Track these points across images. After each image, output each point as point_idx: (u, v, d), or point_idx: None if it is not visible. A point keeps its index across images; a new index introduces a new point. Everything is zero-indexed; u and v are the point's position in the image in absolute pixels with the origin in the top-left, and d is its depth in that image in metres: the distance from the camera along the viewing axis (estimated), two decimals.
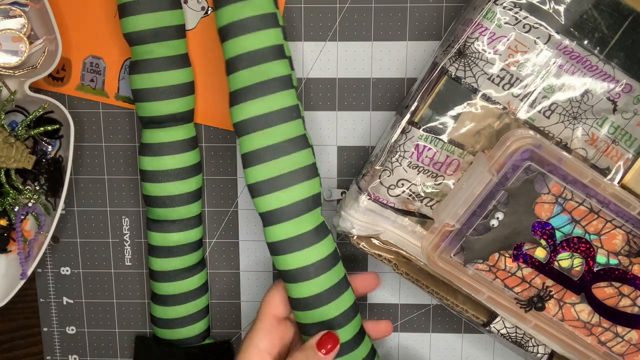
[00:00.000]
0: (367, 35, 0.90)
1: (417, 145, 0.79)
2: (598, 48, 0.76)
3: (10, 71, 0.87)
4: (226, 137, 0.93)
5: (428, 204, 0.82)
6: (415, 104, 0.79)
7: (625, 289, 0.80)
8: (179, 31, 0.86)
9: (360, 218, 0.83)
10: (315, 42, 0.90)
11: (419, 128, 0.79)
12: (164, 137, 0.87)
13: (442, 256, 0.80)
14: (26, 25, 0.87)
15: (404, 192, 0.81)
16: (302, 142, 0.80)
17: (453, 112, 0.78)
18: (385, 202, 0.82)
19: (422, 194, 0.81)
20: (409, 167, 0.80)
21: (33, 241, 0.93)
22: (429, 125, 0.79)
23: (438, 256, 0.80)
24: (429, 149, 0.79)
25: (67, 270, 0.99)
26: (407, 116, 0.80)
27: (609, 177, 0.79)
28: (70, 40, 0.91)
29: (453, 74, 0.77)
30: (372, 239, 0.85)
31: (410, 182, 0.81)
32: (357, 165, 0.93)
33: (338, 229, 0.85)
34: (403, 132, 0.80)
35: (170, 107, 0.86)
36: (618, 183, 0.79)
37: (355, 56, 0.90)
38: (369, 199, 0.82)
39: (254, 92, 0.78)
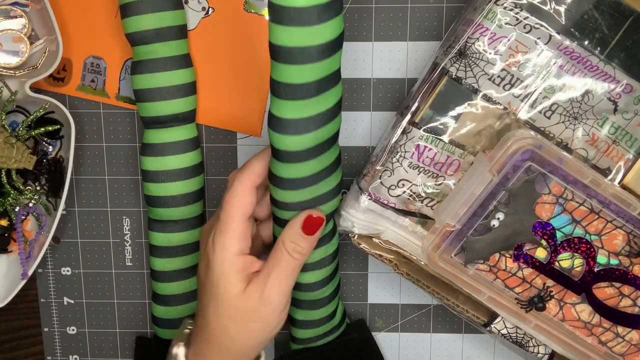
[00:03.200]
0: (368, 35, 0.90)
1: (418, 145, 0.79)
2: (599, 48, 0.76)
3: (11, 71, 0.87)
4: (227, 138, 0.93)
5: (429, 205, 0.82)
6: (416, 104, 0.79)
7: (626, 289, 0.80)
8: (181, 31, 0.86)
9: (361, 217, 0.83)
10: None
11: (419, 128, 0.79)
12: (166, 137, 0.87)
13: (442, 256, 0.80)
14: (27, 26, 0.87)
15: (404, 192, 0.81)
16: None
17: (454, 113, 0.78)
18: (385, 202, 0.82)
19: (423, 195, 0.81)
20: (410, 168, 0.80)
21: (34, 241, 0.93)
22: (429, 125, 0.79)
23: (439, 256, 0.80)
24: (430, 149, 0.79)
25: (68, 271, 0.99)
26: (408, 116, 0.80)
27: (609, 177, 0.79)
28: (71, 40, 0.91)
29: (454, 74, 0.77)
30: (372, 238, 0.85)
31: (410, 182, 0.81)
32: (357, 166, 0.93)
33: (339, 228, 0.85)
34: (404, 132, 0.80)
35: (172, 107, 0.86)
36: (619, 183, 0.79)
37: (355, 56, 0.90)
38: (369, 199, 0.82)
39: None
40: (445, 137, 0.79)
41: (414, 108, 0.79)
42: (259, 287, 0.74)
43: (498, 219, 0.78)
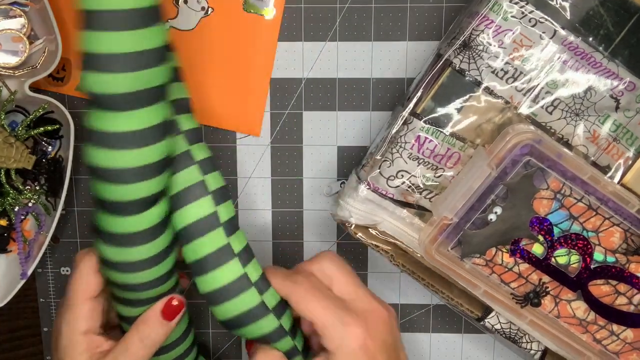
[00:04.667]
0: (367, 35, 0.90)
1: (418, 136, 0.80)
2: (603, 45, 0.76)
3: (10, 71, 0.88)
4: (226, 138, 0.94)
5: (427, 197, 0.82)
6: (418, 94, 0.80)
7: (622, 287, 0.80)
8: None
9: (359, 207, 0.83)
10: (315, 42, 0.91)
11: (420, 119, 0.79)
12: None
13: (439, 249, 0.80)
14: (26, 25, 0.88)
15: (403, 183, 0.81)
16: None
17: (456, 105, 0.78)
18: (384, 192, 0.82)
19: (422, 186, 0.82)
20: (409, 159, 0.80)
21: (33, 241, 0.93)
22: (431, 116, 0.79)
23: (435, 249, 0.80)
24: (430, 140, 0.80)
25: (68, 271, 0.99)
26: (410, 107, 0.80)
27: (608, 175, 0.79)
28: (71, 40, 0.91)
29: (457, 66, 0.78)
30: (369, 229, 0.85)
31: (409, 173, 0.81)
32: (356, 165, 0.93)
33: (336, 217, 0.85)
34: (405, 122, 0.80)
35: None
36: (618, 182, 0.79)
37: (355, 56, 0.91)
38: (368, 189, 0.82)
39: None
40: (446, 129, 0.79)
41: (415, 99, 0.80)
42: None
43: (495, 213, 0.78)
